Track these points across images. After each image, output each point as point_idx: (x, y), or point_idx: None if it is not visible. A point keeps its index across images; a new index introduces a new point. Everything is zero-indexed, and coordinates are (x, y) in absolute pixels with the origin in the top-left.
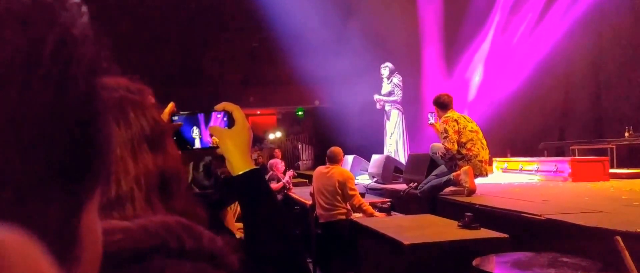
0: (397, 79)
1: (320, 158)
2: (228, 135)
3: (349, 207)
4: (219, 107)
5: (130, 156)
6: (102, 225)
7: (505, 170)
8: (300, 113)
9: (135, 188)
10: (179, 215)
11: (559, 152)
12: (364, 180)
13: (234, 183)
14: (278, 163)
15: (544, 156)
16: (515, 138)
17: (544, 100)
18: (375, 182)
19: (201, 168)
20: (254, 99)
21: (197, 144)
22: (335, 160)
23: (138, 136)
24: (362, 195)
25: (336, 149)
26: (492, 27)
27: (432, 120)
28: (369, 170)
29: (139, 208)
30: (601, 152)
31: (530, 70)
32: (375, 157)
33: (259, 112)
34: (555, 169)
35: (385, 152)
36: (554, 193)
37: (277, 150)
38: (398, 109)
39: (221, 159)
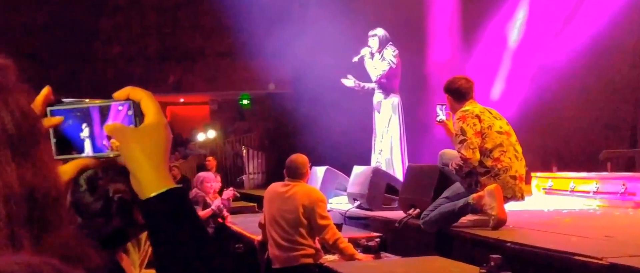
0: (391, 51)
1: (276, 171)
2: (134, 137)
3: (317, 244)
4: (120, 93)
5: None
6: None
7: (549, 191)
8: (245, 102)
9: None
10: (56, 254)
11: (629, 165)
12: (340, 204)
13: (143, 209)
14: (210, 179)
15: (606, 171)
16: (563, 144)
17: (608, 89)
18: (359, 207)
19: (83, 185)
20: (175, 80)
21: (88, 150)
22: (298, 175)
23: None
24: (339, 226)
25: (300, 158)
26: None
27: (442, 116)
28: (349, 190)
29: None
30: None
31: (586, 44)
32: (358, 170)
33: (182, 100)
34: (623, 190)
35: (374, 163)
36: (622, 225)
37: (209, 158)
38: (394, 97)
39: (121, 172)
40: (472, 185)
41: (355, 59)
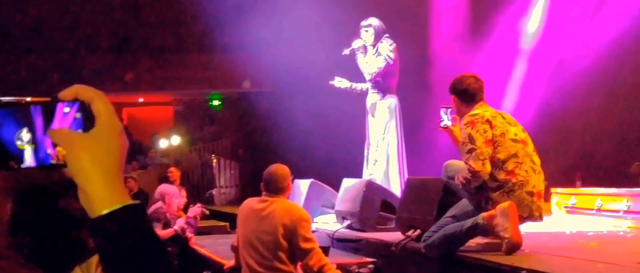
0: (388, 45)
1: (252, 184)
2: (83, 144)
3: (300, 271)
4: (67, 93)
5: None
6: None
7: (571, 210)
8: (216, 103)
9: None
10: None
11: None
12: (327, 223)
13: (93, 229)
14: (173, 194)
15: (638, 186)
16: (589, 155)
17: (638, 93)
18: (349, 227)
19: (24, 200)
20: (133, 77)
21: (28, 160)
22: (277, 189)
23: None
24: (325, 250)
25: (280, 169)
26: None
27: (447, 121)
28: (338, 207)
29: None
30: None
31: (615, 37)
32: (348, 184)
33: (141, 100)
34: None
35: (367, 175)
36: None
37: (172, 169)
38: (391, 98)
39: (68, 185)
40: (482, 202)
41: (346, 51)
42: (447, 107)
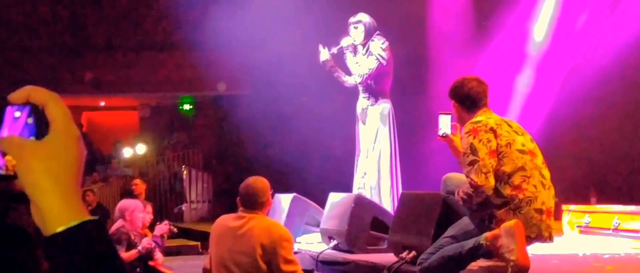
0: (380, 43)
1: (226, 198)
2: (35, 153)
3: None
4: (17, 95)
5: None
6: None
7: (585, 230)
8: (187, 107)
9: None
10: None
11: None
12: (312, 243)
13: (47, 248)
14: (134, 208)
15: None
16: (605, 169)
17: None
18: (335, 248)
19: None
20: (93, 78)
21: None
22: (256, 204)
23: None
24: None
25: (258, 182)
26: None
27: (446, 130)
28: (323, 225)
29: None
30: None
31: (628, 45)
32: (335, 199)
33: (103, 104)
34: None
35: (356, 189)
36: None
37: (137, 181)
38: (384, 103)
39: (20, 199)
40: (485, 220)
41: (334, 50)
42: (446, 114)
